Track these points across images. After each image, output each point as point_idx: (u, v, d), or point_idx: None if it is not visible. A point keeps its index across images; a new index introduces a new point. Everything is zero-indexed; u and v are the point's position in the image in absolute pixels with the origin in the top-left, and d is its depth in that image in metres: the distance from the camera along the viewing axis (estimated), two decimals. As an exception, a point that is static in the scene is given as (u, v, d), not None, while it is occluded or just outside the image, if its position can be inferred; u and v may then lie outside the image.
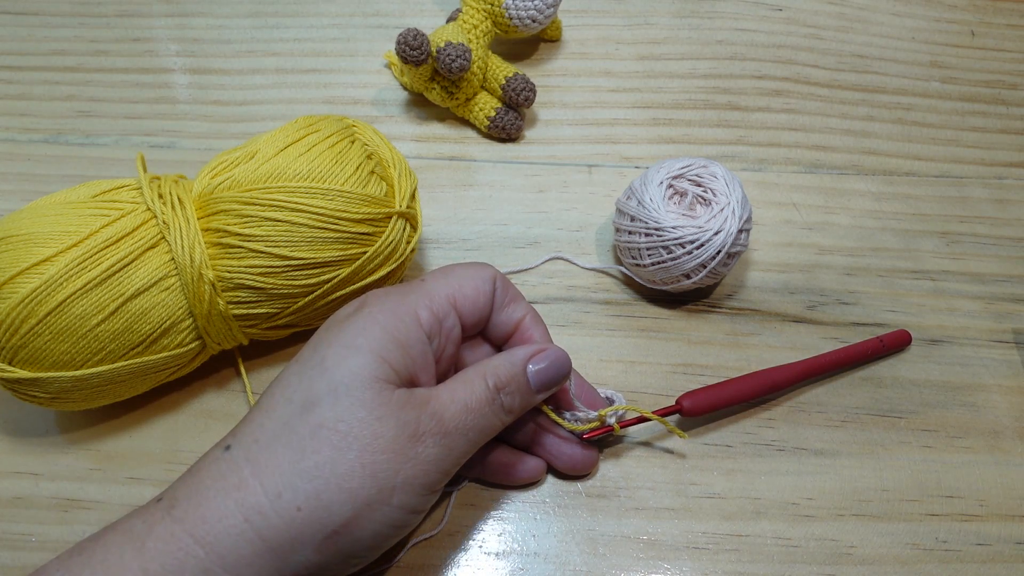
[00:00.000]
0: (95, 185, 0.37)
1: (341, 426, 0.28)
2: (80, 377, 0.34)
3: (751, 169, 0.51)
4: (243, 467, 0.28)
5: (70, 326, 0.34)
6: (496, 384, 0.32)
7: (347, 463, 0.28)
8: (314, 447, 0.28)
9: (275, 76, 0.54)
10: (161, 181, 0.37)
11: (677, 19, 0.59)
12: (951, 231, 0.49)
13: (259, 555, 0.27)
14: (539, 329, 0.36)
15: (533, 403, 0.34)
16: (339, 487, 0.28)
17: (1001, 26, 0.60)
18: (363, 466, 0.28)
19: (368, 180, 0.38)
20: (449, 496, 0.38)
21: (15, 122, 0.51)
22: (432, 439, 0.30)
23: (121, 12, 0.57)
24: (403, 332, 0.31)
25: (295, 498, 0.27)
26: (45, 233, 0.34)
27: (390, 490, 0.28)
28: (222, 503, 0.27)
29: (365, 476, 0.28)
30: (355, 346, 0.30)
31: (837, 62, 0.57)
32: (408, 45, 0.46)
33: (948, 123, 0.54)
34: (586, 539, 0.37)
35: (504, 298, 0.36)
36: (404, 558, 0.37)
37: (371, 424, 0.28)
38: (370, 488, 0.28)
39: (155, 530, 0.27)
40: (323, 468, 0.28)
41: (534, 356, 0.34)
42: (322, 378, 0.29)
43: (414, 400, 0.30)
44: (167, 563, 0.26)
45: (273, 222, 0.36)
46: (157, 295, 0.35)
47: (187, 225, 0.35)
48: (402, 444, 0.29)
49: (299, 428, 0.28)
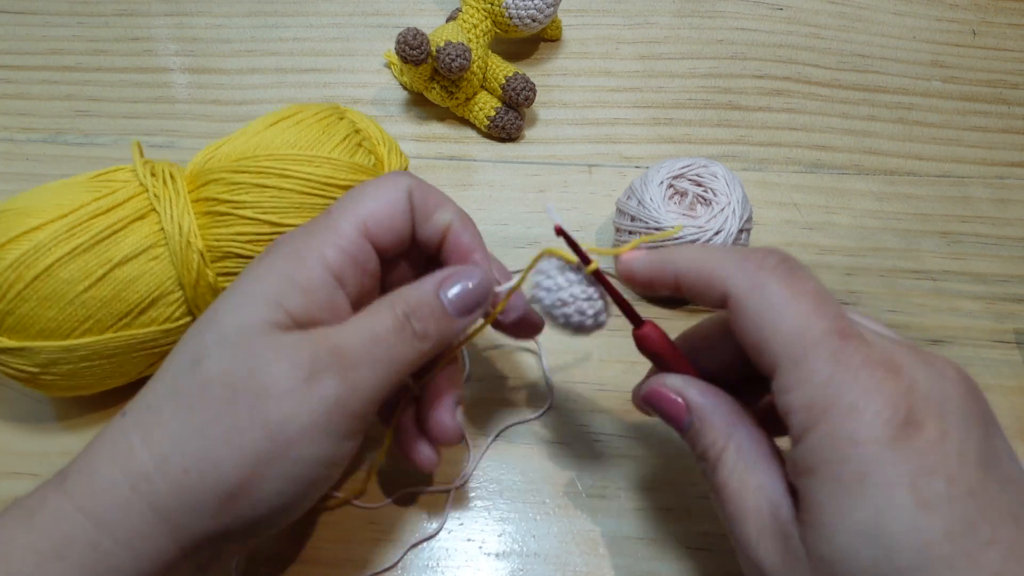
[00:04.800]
0: (93, 172, 0.38)
1: (228, 378, 0.26)
2: (67, 347, 0.34)
3: (752, 169, 0.51)
4: (132, 433, 0.26)
5: (57, 291, 0.34)
6: (405, 311, 0.29)
7: (234, 416, 0.25)
8: (201, 404, 0.26)
9: (274, 75, 0.54)
10: (155, 164, 0.38)
11: (677, 18, 0.59)
12: (952, 231, 0.49)
13: (151, 525, 0.25)
14: (468, 233, 0.32)
15: (455, 328, 0.30)
16: (227, 443, 0.25)
17: (1002, 25, 0.60)
18: (252, 418, 0.25)
19: (355, 151, 0.39)
20: (448, 496, 0.38)
21: (14, 122, 0.51)
22: (330, 376, 0.26)
23: (120, 11, 0.57)
24: (305, 276, 0.28)
25: (182, 460, 0.25)
26: (38, 206, 0.35)
27: (285, 441, 0.25)
28: (109, 472, 0.25)
29: (255, 428, 0.25)
30: (247, 292, 0.28)
31: (838, 61, 0.57)
32: (408, 44, 0.46)
33: (949, 123, 0.54)
34: (586, 539, 0.37)
35: (425, 207, 0.31)
36: (403, 560, 0.36)
37: (260, 372, 0.26)
38: (261, 441, 0.25)
39: (46, 505, 0.26)
40: (210, 425, 0.25)
41: (445, 281, 0.30)
42: (211, 330, 0.27)
43: (311, 339, 0.27)
44: (56, 539, 0.25)
45: (262, 188, 0.36)
46: (145, 263, 0.35)
47: (177, 196, 0.36)
48: (294, 387, 0.26)
49: (187, 386, 0.26)
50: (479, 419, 0.41)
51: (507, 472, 0.39)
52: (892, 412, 0.22)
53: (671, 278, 0.28)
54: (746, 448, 0.27)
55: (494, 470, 0.39)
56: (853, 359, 0.23)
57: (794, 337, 0.24)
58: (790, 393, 0.24)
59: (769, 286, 0.25)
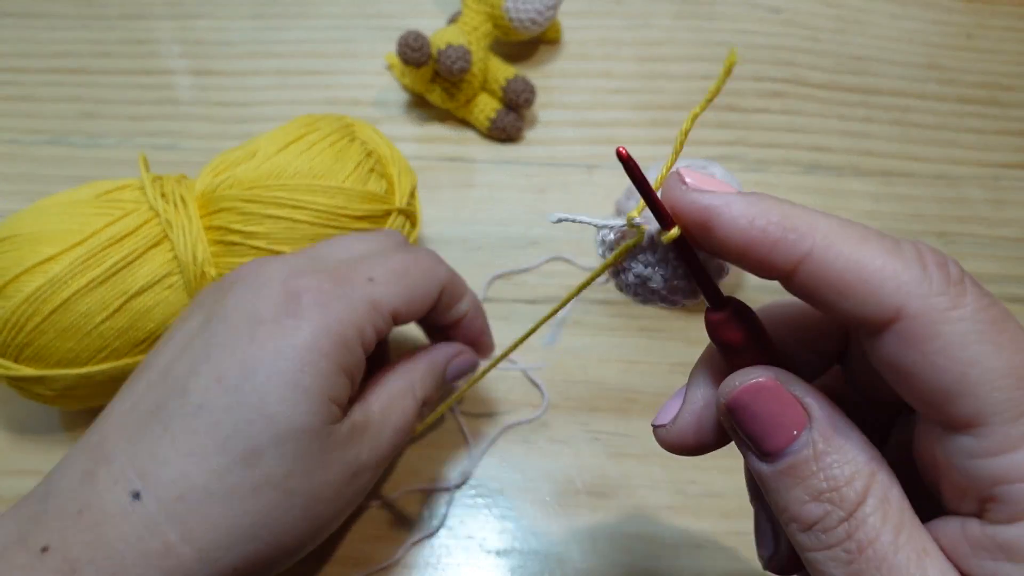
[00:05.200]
0: (98, 185, 0.38)
1: (289, 482, 0.26)
2: (84, 375, 0.35)
3: (750, 170, 0.51)
4: (167, 530, 0.24)
5: (74, 324, 0.34)
6: (424, 397, 0.32)
7: (291, 519, 0.26)
8: (256, 507, 0.25)
9: (277, 77, 0.55)
10: (163, 181, 0.38)
11: (676, 21, 0.59)
12: (948, 231, 0.50)
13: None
14: (480, 319, 0.36)
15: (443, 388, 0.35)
16: (280, 545, 0.26)
17: (998, 28, 0.60)
18: (306, 519, 0.27)
19: (368, 177, 0.39)
20: (449, 494, 0.39)
21: (19, 123, 0.51)
22: (369, 471, 0.29)
23: (124, 14, 0.57)
24: (348, 359, 0.28)
25: (232, 561, 0.25)
26: (49, 232, 0.35)
27: (326, 529, 0.29)
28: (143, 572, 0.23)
29: (307, 528, 0.27)
30: (303, 387, 0.26)
31: (835, 64, 0.57)
32: (409, 47, 0.47)
33: (945, 124, 0.55)
34: (586, 537, 0.38)
35: (451, 301, 0.34)
36: (404, 557, 0.37)
37: (317, 474, 0.27)
38: (308, 534, 0.28)
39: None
40: (266, 528, 0.26)
41: (455, 359, 0.35)
42: (265, 425, 0.25)
43: (355, 434, 0.28)
44: None
45: (275, 219, 0.36)
46: (160, 293, 0.35)
47: (189, 223, 0.36)
48: (343, 486, 0.28)
49: (239, 484, 0.25)
50: (479, 419, 0.41)
51: (507, 471, 0.40)
52: None
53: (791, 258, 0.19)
54: (896, 496, 0.18)
55: (494, 469, 0.40)
56: None
57: (1014, 380, 0.17)
58: (1010, 455, 0.17)
59: (974, 304, 0.18)
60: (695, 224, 0.19)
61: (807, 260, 0.18)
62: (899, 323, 0.18)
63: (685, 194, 0.20)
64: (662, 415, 0.22)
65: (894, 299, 0.18)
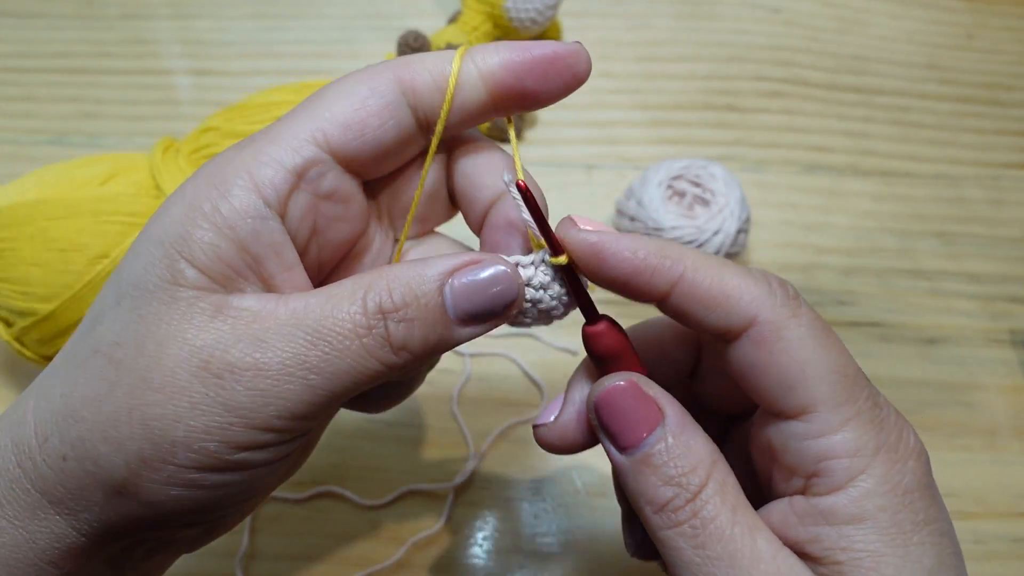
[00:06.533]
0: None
1: (115, 352, 0.20)
2: None
3: (750, 170, 0.52)
4: (30, 397, 0.22)
5: None
6: (380, 303, 0.21)
7: (113, 405, 0.20)
8: (85, 380, 0.21)
9: (277, 77, 0.55)
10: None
11: (676, 21, 0.59)
12: (948, 231, 0.50)
13: (40, 507, 0.21)
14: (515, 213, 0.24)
15: (451, 340, 0.22)
16: (104, 436, 0.20)
17: (997, 28, 0.60)
18: (131, 409, 0.20)
19: None
20: (449, 494, 0.39)
21: (20, 123, 0.51)
22: (241, 378, 0.20)
23: (125, 14, 0.57)
24: (224, 205, 0.21)
25: (60, 446, 0.21)
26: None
27: (168, 446, 0.20)
28: (3, 441, 0.21)
29: (134, 425, 0.20)
30: (148, 237, 0.21)
31: (835, 64, 0.57)
32: (409, 46, 0.47)
33: (945, 124, 0.55)
34: (586, 537, 0.38)
35: (449, 123, 0.23)
36: (403, 556, 0.37)
37: (148, 350, 0.20)
38: (140, 441, 0.20)
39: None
40: (90, 410, 0.20)
41: (458, 271, 0.22)
42: (113, 284, 0.21)
43: (228, 315, 0.20)
44: None
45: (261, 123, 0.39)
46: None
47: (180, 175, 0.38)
48: (188, 380, 0.20)
49: (79, 351, 0.21)
50: (479, 419, 0.41)
51: (507, 470, 0.40)
52: (924, 457, 0.22)
53: (666, 284, 0.22)
54: (732, 483, 0.22)
55: (494, 468, 0.40)
56: (882, 400, 0.22)
57: (840, 375, 0.21)
58: (833, 435, 0.21)
59: (808, 316, 0.22)
60: (590, 256, 0.22)
61: (680, 282, 0.22)
62: (752, 328, 0.22)
63: (579, 234, 0.22)
64: (544, 416, 0.25)
65: (749, 309, 0.22)
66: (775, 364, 0.22)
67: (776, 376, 0.22)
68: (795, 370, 0.21)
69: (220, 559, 0.37)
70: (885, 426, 0.22)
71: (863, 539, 0.21)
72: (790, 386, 0.21)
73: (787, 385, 0.21)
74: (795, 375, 0.21)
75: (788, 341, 0.21)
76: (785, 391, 0.22)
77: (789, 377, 0.21)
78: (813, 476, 0.21)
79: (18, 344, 0.38)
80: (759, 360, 0.22)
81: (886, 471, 0.21)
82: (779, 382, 0.22)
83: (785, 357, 0.21)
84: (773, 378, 0.22)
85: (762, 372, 0.22)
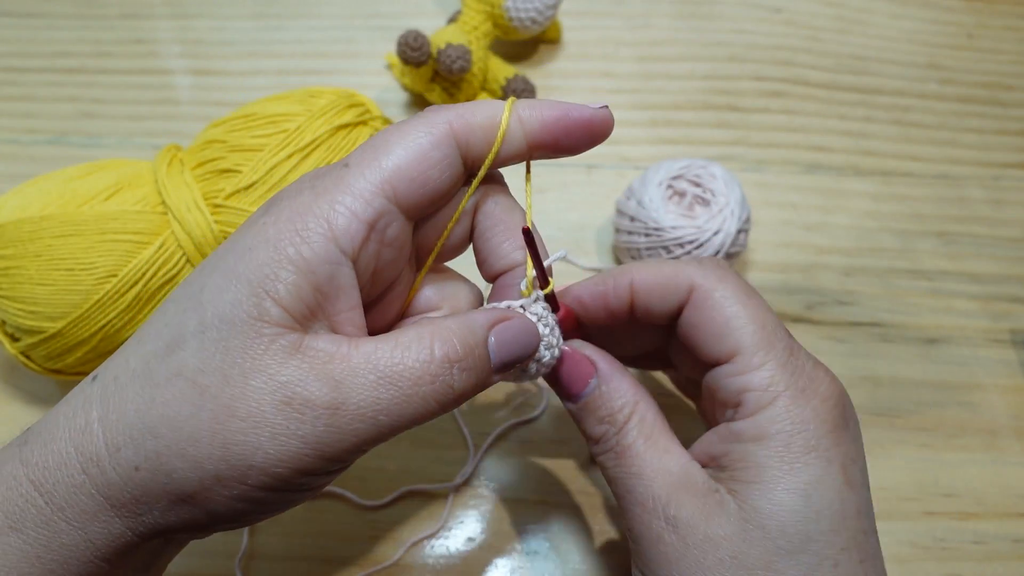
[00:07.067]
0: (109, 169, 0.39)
1: (202, 378, 0.22)
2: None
3: (750, 170, 0.52)
4: (93, 408, 0.23)
5: None
6: (448, 354, 0.24)
7: (195, 425, 0.22)
8: (164, 400, 0.23)
9: (277, 77, 0.55)
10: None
11: (676, 20, 0.59)
12: (948, 231, 0.50)
13: (102, 510, 0.23)
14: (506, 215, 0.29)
15: (487, 386, 0.26)
16: (182, 453, 0.22)
17: (998, 28, 0.60)
18: (213, 433, 0.22)
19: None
20: (448, 494, 0.39)
21: (19, 123, 0.51)
22: (320, 415, 0.22)
23: (124, 14, 0.57)
24: (306, 250, 0.23)
25: (134, 457, 0.23)
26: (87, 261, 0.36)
27: (244, 469, 0.22)
28: (63, 448, 0.23)
29: (214, 446, 0.22)
30: (235, 274, 0.23)
31: (835, 63, 0.57)
32: (409, 46, 0.47)
33: (945, 124, 0.55)
34: (585, 537, 0.38)
35: (473, 148, 0.26)
36: (403, 556, 0.37)
37: (234, 379, 0.22)
38: (218, 462, 0.22)
39: (3, 471, 0.23)
40: (168, 426, 0.22)
41: (498, 323, 0.26)
42: (194, 312, 0.23)
43: (302, 354, 0.23)
44: (10, 510, 0.23)
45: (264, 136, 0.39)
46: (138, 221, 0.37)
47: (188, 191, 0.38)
48: (270, 412, 0.22)
49: (157, 371, 0.23)
50: (479, 419, 0.41)
51: (507, 471, 0.40)
52: (834, 404, 0.27)
53: (625, 291, 0.30)
54: (651, 417, 0.28)
55: (494, 469, 0.40)
56: (802, 353, 0.28)
57: (759, 326, 0.27)
58: (751, 373, 0.27)
59: (734, 281, 0.28)
60: (576, 305, 0.31)
61: (633, 285, 0.30)
62: (692, 295, 0.28)
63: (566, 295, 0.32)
64: None
65: (687, 282, 0.29)
66: (707, 320, 0.28)
67: (709, 329, 0.28)
68: (722, 322, 0.28)
69: (220, 559, 0.37)
70: (796, 371, 0.27)
71: (757, 453, 0.26)
72: (719, 336, 0.28)
73: (717, 335, 0.28)
74: (722, 326, 0.27)
75: (716, 300, 0.28)
76: (716, 340, 0.28)
77: (718, 328, 0.28)
78: (736, 406, 0.27)
79: (24, 358, 0.38)
80: (696, 319, 0.28)
81: (789, 404, 0.26)
82: (711, 333, 0.28)
83: (715, 313, 0.28)
84: (707, 331, 0.28)
85: (699, 328, 0.28)
